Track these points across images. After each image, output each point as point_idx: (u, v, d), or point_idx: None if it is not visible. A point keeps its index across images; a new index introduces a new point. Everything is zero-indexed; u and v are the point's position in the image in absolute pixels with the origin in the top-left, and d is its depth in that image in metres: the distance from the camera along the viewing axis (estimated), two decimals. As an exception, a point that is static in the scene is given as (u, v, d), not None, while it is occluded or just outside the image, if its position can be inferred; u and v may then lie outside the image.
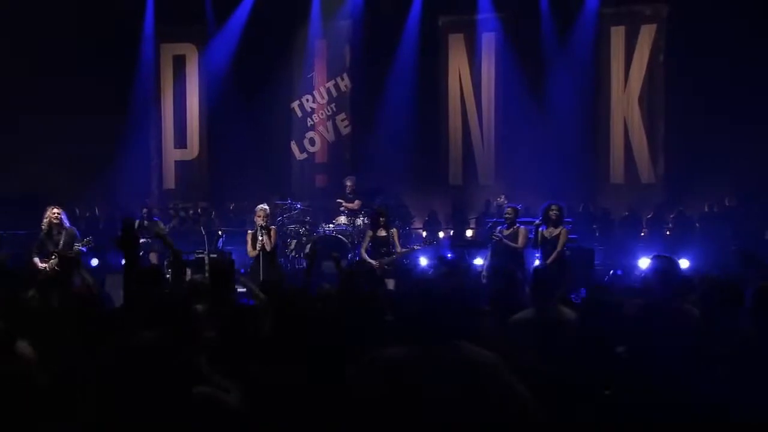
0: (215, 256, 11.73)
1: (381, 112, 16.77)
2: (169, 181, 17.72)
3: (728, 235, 13.47)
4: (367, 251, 9.93)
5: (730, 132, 14.55)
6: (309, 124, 17.51)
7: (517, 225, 9.76)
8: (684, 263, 12.47)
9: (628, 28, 16.46)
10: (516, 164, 16.49)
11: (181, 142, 17.70)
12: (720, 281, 4.65)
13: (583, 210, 15.40)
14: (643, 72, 16.38)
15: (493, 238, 9.73)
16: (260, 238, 9.16)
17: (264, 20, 16.68)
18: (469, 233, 14.26)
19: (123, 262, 5.17)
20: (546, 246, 9.31)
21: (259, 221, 9.31)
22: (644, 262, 12.68)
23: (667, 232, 14.59)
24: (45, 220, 9.07)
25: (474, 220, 15.47)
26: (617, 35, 16.49)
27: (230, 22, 16.88)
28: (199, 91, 17.58)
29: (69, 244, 9.01)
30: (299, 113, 17.51)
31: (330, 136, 17.49)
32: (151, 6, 16.52)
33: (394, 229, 10.08)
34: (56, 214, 9.07)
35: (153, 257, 12.34)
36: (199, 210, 15.41)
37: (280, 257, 11.35)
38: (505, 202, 13.90)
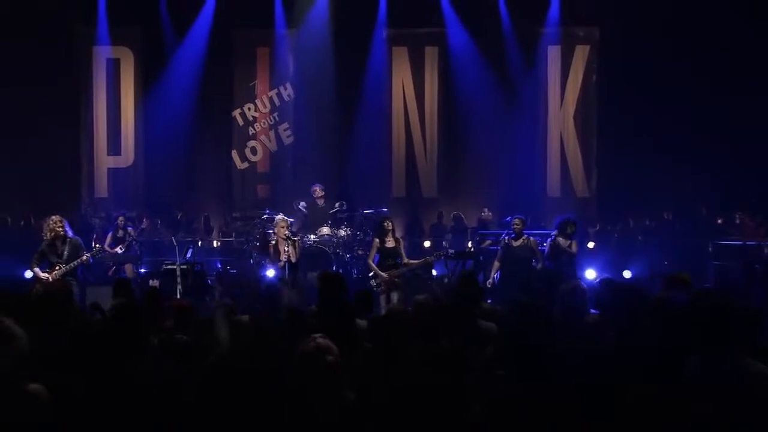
0: (184, 267, 11.38)
1: (324, 123, 16.67)
2: (101, 190, 16.89)
3: (669, 249, 14.28)
4: (374, 261, 9.65)
5: (658, 149, 15.45)
6: (251, 133, 17.10)
7: (526, 236, 10.06)
8: (627, 274, 13.27)
9: (563, 48, 17.15)
10: (459, 177, 16.87)
11: (115, 149, 16.94)
12: None
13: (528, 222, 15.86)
14: (578, 90, 17.10)
15: (503, 248, 9.98)
16: (286, 249, 8.94)
17: (207, 27, 16.30)
18: (427, 244, 14.40)
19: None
20: (562, 257, 9.66)
21: (284, 231, 9.07)
22: (590, 274, 13.29)
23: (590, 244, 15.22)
24: (48, 231, 8.52)
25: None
26: (554, 55, 17.14)
27: (173, 28, 16.33)
28: (134, 96, 16.89)
29: (74, 254, 8.51)
30: (241, 122, 17.12)
31: (272, 146, 17.16)
32: (103, 7, 15.74)
33: (400, 239, 9.96)
34: (60, 225, 8.54)
35: (128, 269, 11.79)
36: (144, 219, 14.81)
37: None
38: (490, 215, 14.22)
